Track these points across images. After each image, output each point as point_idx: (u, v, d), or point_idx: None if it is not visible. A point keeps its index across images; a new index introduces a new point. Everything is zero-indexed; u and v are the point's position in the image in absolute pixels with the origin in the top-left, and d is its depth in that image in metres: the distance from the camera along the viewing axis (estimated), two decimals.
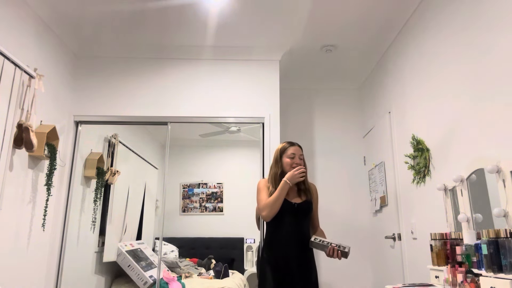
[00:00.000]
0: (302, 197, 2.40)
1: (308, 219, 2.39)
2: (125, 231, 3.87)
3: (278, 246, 2.29)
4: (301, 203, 2.37)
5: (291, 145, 2.45)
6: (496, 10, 1.96)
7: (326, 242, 2.18)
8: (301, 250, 2.27)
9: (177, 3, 2.97)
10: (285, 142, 2.49)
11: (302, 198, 2.39)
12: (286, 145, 2.46)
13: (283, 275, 2.23)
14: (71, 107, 3.50)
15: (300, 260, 2.26)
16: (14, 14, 2.72)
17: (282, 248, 2.27)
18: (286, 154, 2.43)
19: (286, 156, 2.42)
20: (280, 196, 2.29)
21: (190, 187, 4.41)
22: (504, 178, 1.77)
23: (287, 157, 2.42)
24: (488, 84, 2.02)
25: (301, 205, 2.36)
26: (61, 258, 3.23)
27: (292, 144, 2.46)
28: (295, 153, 2.43)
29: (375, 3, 2.95)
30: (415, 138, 2.84)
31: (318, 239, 2.23)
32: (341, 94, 4.38)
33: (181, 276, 3.71)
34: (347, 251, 2.12)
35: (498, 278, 1.47)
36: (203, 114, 3.53)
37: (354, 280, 3.90)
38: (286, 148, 2.45)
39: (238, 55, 3.66)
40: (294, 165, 2.39)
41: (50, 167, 3.03)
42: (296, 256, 2.25)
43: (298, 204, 2.35)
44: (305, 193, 2.42)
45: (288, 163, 2.41)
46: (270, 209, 2.28)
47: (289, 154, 2.42)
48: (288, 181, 2.30)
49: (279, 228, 2.32)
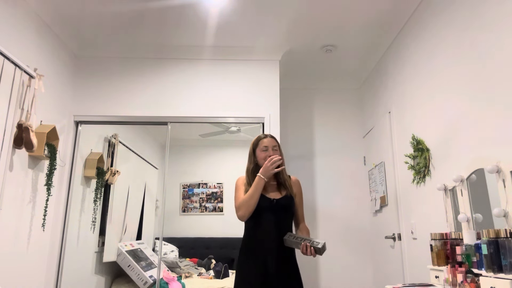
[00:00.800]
0: (282, 192, 2.22)
1: (289, 216, 2.21)
2: (125, 231, 3.87)
3: (256, 246, 2.12)
4: (280, 199, 2.19)
5: (263, 138, 2.27)
6: (496, 10, 1.96)
7: (299, 239, 2.01)
8: (282, 250, 2.09)
9: (177, 3, 2.97)
10: (258, 136, 2.33)
11: (282, 193, 2.22)
12: (258, 138, 2.29)
13: (261, 278, 2.05)
14: (71, 107, 3.50)
15: (280, 261, 2.08)
16: (14, 14, 2.72)
17: (260, 249, 2.10)
18: (259, 147, 2.25)
19: (259, 150, 2.25)
20: (254, 193, 2.11)
21: (190, 187, 4.41)
22: (504, 178, 1.77)
23: (260, 150, 2.24)
24: (488, 84, 2.02)
25: (280, 201, 2.18)
26: (61, 258, 3.23)
27: (265, 136, 2.28)
28: (268, 145, 2.24)
29: (375, 3, 2.95)
30: (415, 138, 2.84)
31: (292, 236, 2.05)
32: (341, 94, 4.38)
33: (181, 276, 3.71)
34: (320, 247, 1.92)
35: (498, 278, 1.47)
36: (203, 114, 3.53)
37: (354, 280, 3.90)
38: (258, 141, 2.28)
39: (238, 55, 3.66)
40: (268, 158, 2.18)
41: (50, 167, 3.03)
42: (275, 256, 2.08)
43: (277, 200, 2.18)
44: (285, 188, 2.24)
45: (262, 157, 2.22)
46: (245, 208, 2.11)
47: (261, 147, 2.24)
48: (262, 176, 2.12)
49: (257, 226, 2.15)
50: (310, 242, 1.96)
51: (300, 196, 2.32)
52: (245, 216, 2.12)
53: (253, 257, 2.10)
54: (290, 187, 2.24)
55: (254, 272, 2.07)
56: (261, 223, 2.14)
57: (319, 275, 3.91)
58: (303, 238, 2.01)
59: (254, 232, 2.15)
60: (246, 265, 2.12)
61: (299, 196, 2.30)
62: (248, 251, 2.14)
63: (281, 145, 2.84)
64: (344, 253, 3.95)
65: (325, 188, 4.11)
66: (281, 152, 2.29)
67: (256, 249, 2.11)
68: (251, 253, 2.12)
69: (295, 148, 4.20)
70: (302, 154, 4.19)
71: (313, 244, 1.94)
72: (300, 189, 2.34)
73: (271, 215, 2.13)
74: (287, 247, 2.10)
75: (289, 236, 2.06)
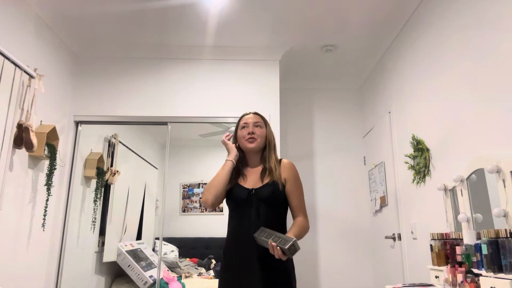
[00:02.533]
0: (265, 180, 1.81)
1: (277, 208, 1.79)
2: (125, 231, 3.87)
3: (235, 246, 1.76)
4: (260, 188, 1.78)
5: (245, 114, 1.95)
6: (496, 11, 1.96)
7: (269, 236, 1.61)
8: (265, 250, 1.68)
9: (177, 3, 2.97)
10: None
11: (264, 181, 1.81)
12: (241, 116, 1.97)
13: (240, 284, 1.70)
14: (71, 107, 3.50)
15: (263, 263, 1.69)
16: (14, 14, 2.72)
17: (239, 249, 1.74)
18: (239, 126, 1.93)
19: (240, 128, 1.92)
20: (218, 176, 1.80)
21: (190, 187, 4.41)
22: (504, 178, 1.76)
23: (240, 128, 1.92)
24: (488, 84, 2.02)
25: (260, 190, 1.78)
26: (61, 258, 3.23)
27: (248, 113, 1.95)
28: (248, 121, 1.89)
29: (375, 3, 2.95)
30: (415, 138, 2.84)
31: (263, 233, 1.65)
32: (341, 94, 4.38)
33: (181, 276, 3.71)
34: (287, 248, 1.51)
35: (498, 278, 1.47)
36: (203, 114, 3.53)
37: (354, 280, 3.90)
38: (239, 120, 1.96)
39: (238, 55, 3.65)
40: (247, 135, 1.86)
41: (50, 167, 3.03)
42: (257, 258, 1.69)
43: (256, 189, 1.78)
44: (270, 173, 1.82)
45: (241, 135, 1.89)
46: (207, 191, 1.79)
47: (241, 124, 1.92)
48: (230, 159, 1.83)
49: (235, 222, 1.80)
50: (278, 240, 1.56)
51: (295, 181, 1.84)
52: (208, 200, 1.78)
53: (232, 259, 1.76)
54: (275, 171, 1.82)
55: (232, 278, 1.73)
56: (240, 218, 1.79)
57: (319, 275, 3.91)
58: (273, 235, 1.60)
59: (233, 230, 1.81)
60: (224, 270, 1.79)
61: (292, 182, 1.82)
62: (226, 253, 1.81)
63: (281, 145, 2.82)
64: (344, 253, 3.95)
65: (325, 188, 4.11)
66: (269, 131, 1.94)
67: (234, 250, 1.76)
68: (228, 255, 1.79)
69: (295, 148, 4.20)
70: (302, 154, 4.19)
71: (280, 243, 1.54)
72: (293, 173, 1.85)
73: (251, 208, 1.75)
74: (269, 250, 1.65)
75: (260, 233, 1.66)
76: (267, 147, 1.90)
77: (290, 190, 1.82)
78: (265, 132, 1.91)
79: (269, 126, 1.95)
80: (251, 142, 1.85)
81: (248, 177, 1.87)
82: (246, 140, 1.86)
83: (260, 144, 1.88)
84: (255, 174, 1.86)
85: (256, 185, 1.81)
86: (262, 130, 1.90)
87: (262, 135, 1.89)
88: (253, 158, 1.91)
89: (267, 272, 1.68)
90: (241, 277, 1.70)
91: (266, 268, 1.69)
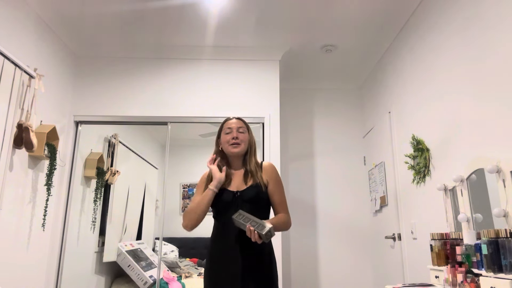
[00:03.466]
0: (248, 182, 1.90)
1: (261, 210, 1.88)
2: (125, 231, 3.87)
3: (219, 247, 1.84)
4: (245, 190, 1.87)
5: (229, 119, 2.01)
6: (497, 10, 1.96)
7: (247, 220, 1.71)
8: (249, 251, 1.78)
9: (177, 3, 2.97)
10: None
11: (248, 183, 1.89)
12: (224, 120, 2.03)
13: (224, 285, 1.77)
14: (71, 107, 3.50)
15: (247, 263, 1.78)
16: (14, 14, 2.72)
17: (222, 250, 1.82)
18: (223, 131, 1.98)
19: (223, 133, 1.97)
20: (199, 205, 1.86)
21: (190, 187, 4.41)
22: (504, 178, 1.76)
23: (224, 133, 1.97)
24: (488, 84, 2.02)
25: (245, 192, 1.86)
26: (61, 258, 3.23)
27: (232, 118, 2.02)
28: (232, 126, 1.96)
29: (375, 3, 2.95)
30: (415, 138, 2.84)
31: (241, 216, 1.74)
32: (341, 94, 4.38)
33: (181, 276, 3.71)
34: (264, 233, 1.65)
35: (498, 278, 1.47)
36: (203, 114, 3.53)
37: (354, 280, 3.90)
38: (223, 123, 2.01)
39: (238, 55, 3.66)
40: (231, 140, 1.92)
41: (50, 167, 3.03)
42: (242, 258, 1.78)
43: (241, 191, 1.87)
44: (253, 176, 1.91)
45: (225, 140, 1.95)
46: (187, 219, 1.87)
47: (225, 129, 1.97)
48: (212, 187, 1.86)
49: (219, 224, 1.89)
50: (256, 225, 1.68)
51: (276, 182, 1.93)
52: (188, 226, 1.87)
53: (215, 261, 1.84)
54: (255, 173, 1.91)
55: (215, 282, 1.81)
56: (224, 220, 1.85)
57: (319, 275, 3.91)
58: (250, 219, 1.71)
59: (217, 232, 1.89)
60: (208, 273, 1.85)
61: (273, 182, 1.92)
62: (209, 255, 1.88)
63: (280, 145, 2.83)
64: (344, 253, 3.95)
65: (325, 188, 4.11)
66: (251, 137, 2.01)
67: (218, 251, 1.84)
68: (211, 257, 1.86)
69: (295, 148, 4.20)
70: (302, 154, 4.19)
71: (257, 228, 1.67)
72: (274, 174, 1.95)
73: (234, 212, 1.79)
74: (257, 247, 1.78)
75: (238, 216, 1.75)
76: (248, 151, 1.98)
77: (272, 190, 1.92)
78: (247, 137, 1.99)
79: (251, 132, 2.03)
80: (235, 147, 1.93)
81: (232, 180, 1.94)
82: (230, 145, 1.93)
83: (243, 149, 1.95)
84: (238, 177, 1.94)
85: (240, 187, 1.90)
86: (245, 135, 1.97)
87: (245, 140, 1.97)
88: (235, 161, 1.99)
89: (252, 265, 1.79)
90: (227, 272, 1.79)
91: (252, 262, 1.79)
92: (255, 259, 1.80)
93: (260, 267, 1.81)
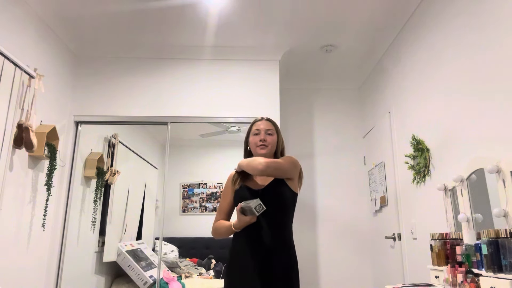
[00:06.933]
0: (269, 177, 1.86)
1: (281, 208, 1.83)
2: (125, 231, 3.87)
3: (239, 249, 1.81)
4: (267, 187, 1.83)
5: (258, 120, 2.00)
6: (497, 10, 1.96)
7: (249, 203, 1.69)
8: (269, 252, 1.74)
9: (177, 3, 2.97)
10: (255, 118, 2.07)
11: (269, 179, 1.86)
12: (253, 121, 2.02)
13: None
14: (71, 107, 3.50)
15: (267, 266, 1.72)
16: (14, 14, 2.72)
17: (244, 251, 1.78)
18: (252, 131, 1.97)
19: (252, 134, 1.97)
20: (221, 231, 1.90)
21: (190, 187, 4.41)
22: (504, 178, 1.76)
23: (252, 134, 1.96)
24: (488, 84, 2.02)
25: (267, 189, 1.83)
26: (61, 258, 3.23)
27: (261, 119, 2.01)
28: (260, 128, 1.94)
29: (375, 3, 2.95)
30: (415, 138, 2.84)
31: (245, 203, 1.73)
32: (341, 94, 4.38)
33: (181, 276, 3.71)
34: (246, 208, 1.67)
35: (498, 278, 1.47)
36: (203, 114, 3.53)
37: (354, 280, 3.90)
38: (252, 124, 2.00)
39: (238, 55, 3.66)
40: (259, 142, 1.91)
41: (50, 167, 3.02)
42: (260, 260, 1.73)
43: (263, 189, 1.83)
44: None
45: (253, 142, 1.94)
46: (214, 233, 1.95)
47: (253, 130, 1.96)
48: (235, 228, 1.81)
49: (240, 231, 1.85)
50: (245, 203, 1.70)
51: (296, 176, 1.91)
52: (216, 238, 1.96)
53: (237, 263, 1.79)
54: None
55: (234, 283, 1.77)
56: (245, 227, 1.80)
57: (319, 275, 3.91)
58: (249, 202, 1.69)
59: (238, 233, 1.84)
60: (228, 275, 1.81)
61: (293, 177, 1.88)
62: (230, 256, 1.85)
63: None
64: (344, 253, 3.95)
65: (325, 188, 4.11)
66: (280, 138, 1.99)
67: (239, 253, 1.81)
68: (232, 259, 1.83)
69: (295, 148, 4.20)
70: (302, 154, 4.19)
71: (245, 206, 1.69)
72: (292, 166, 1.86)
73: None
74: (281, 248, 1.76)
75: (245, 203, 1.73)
76: (276, 153, 1.97)
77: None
78: (276, 139, 1.96)
79: (279, 132, 2.02)
80: (262, 149, 1.92)
81: (256, 180, 1.93)
82: (258, 147, 1.93)
83: (270, 151, 1.94)
84: (263, 178, 1.91)
85: (263, 183, 1.88)
86: (273, 137, 1.95)
87: (273, 143, 1.95)
88: None
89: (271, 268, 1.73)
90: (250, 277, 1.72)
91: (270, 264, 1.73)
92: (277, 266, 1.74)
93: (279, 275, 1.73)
